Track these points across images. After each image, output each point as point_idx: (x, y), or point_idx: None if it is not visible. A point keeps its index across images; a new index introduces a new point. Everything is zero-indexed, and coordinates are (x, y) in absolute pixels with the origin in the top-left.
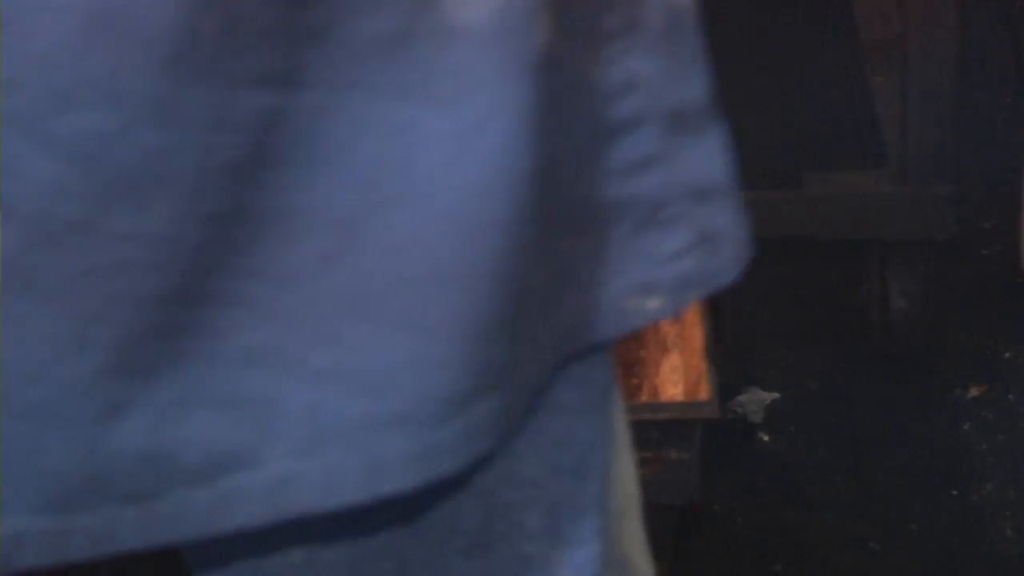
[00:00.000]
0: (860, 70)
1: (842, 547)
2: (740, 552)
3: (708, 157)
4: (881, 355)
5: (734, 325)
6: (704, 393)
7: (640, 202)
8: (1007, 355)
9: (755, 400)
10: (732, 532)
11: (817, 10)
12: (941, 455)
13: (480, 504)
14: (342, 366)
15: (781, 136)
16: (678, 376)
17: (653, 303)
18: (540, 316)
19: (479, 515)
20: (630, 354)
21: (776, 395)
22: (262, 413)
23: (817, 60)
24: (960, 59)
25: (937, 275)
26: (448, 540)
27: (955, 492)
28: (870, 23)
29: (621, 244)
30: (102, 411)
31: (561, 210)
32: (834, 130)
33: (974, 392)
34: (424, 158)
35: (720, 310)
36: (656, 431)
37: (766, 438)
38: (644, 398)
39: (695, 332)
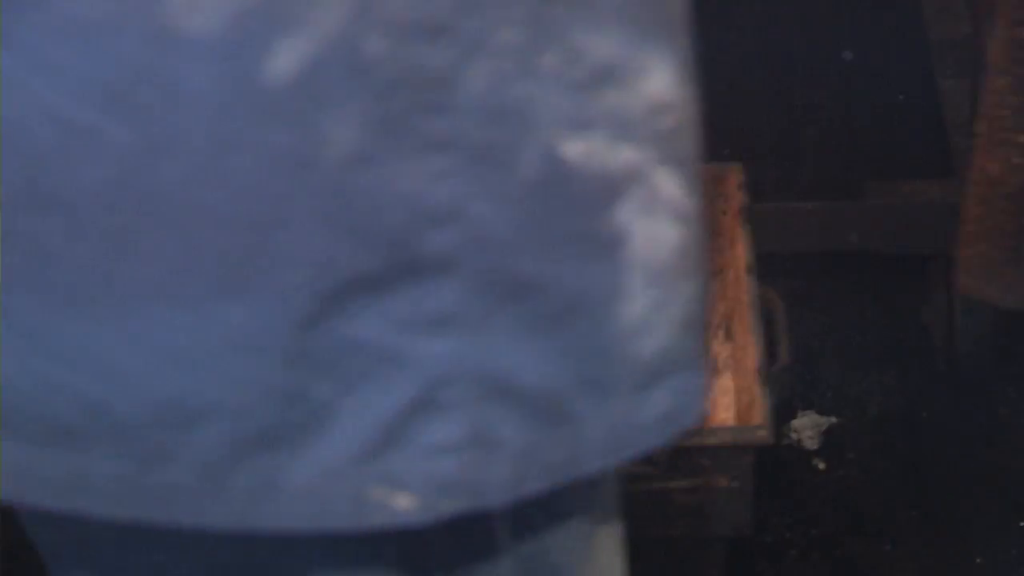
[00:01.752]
0: (927, 72)
1: None
2: None
3: (521, 347)
4: (946, 377)
5: (789, 345)
6: (757, 417)
7: (420, 368)
8: None
9: (811, 425)
10: (785, 565)
11: (882, 8)
12: (1010, 484)
13: None
14: None
15: (841, 142)
16: (729, 399)
17: (402, 501)
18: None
19: None
20: None
21: (833, 419)
22: None
23: (881, 61)
24: None
25: None
26: None
27: (1023, 524)
28: (938, 22)
29: (379, 414)
30: None
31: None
32: (898, 136)
33: None
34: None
35: (774, 328)
36: (706, 458)
37: (822, 465)
38: None
39: (748, 352)
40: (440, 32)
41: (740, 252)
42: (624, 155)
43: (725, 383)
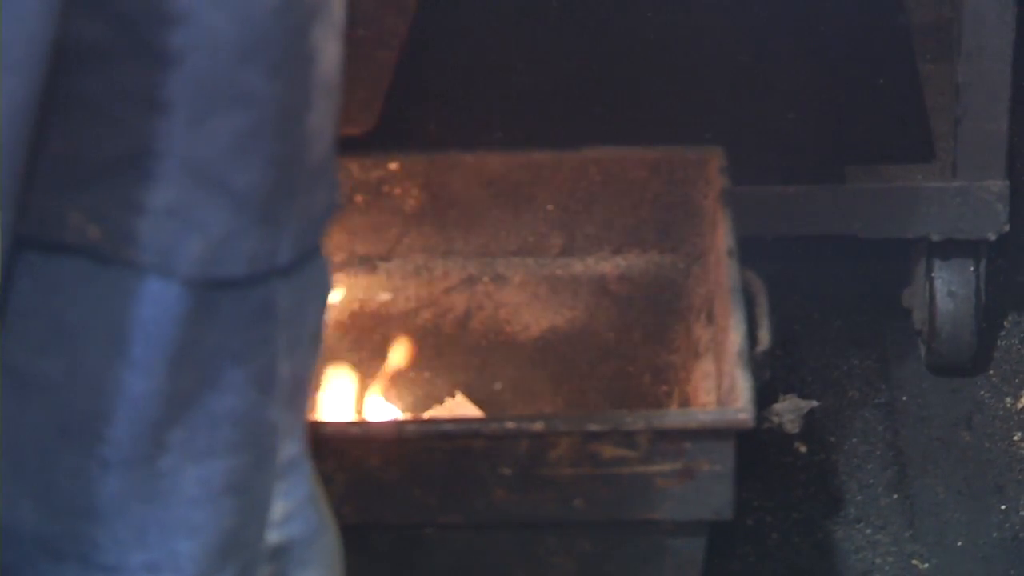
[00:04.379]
0: (907, 56)
1: (884, 564)
2: (775, 570)
3: (234, 154)
4: (926, 361)
5: (770, 328)
6: (738, 401)
7: (133, 134)
8: None
9: (792, 408)
10: (767, 549)
11: None
12: (989, 468)
13: None
14: None
15: (822, 126)
16: (711, 383)
17: (93, 231)
18: None
19: None
20: (659, 359)
21: (815, 403)
22: None
23: (861, 44)
24: (1015, 45)
25: (987, 276)
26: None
27: (1004, 507)
28: (919, 6)
29: (94, 161)
30: None
31: None
32: (879, 120)
33: None
34: None
35: (756, 312)
36: (687, 441)
37: (803, 449)
38: (674, 406)
39: (729, 336)
40: None
41: (721, 236)
42: None
43: (706, 366)
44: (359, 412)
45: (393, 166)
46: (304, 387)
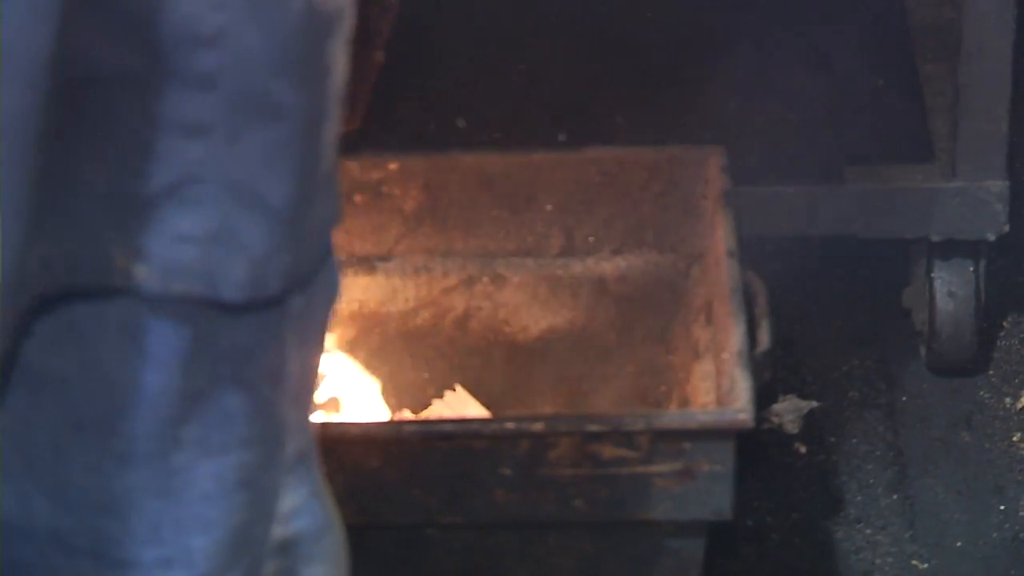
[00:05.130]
0: (907, 56)
1: (884, 565)
2: (775, 570)
3: (267, 166)
4: (926, 361)
5: (770, 329)
6: (738, 401)
7: (174, 163)
8: None
9: (792, 409)
10: (767, 549)
11: None
12: (989, 468)
13: None
14: None
15: (822, 126)
16: (710, 383)
17: (140, 271)
18: None
19: None
20: (659, 360)
21: (814, 403)
22: None
23: (860, 44)
24: (1016, 45)
25: (987, 276)
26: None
27: (1003, 507)
28: (919, 5)
29: (133, 196)
30: None
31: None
32: (879, 120)
33: None
34: None
35: (755, 312)
36: (686, 441)
37: (803, 449)
38: (673, 406)
39: (729, 336)
40: None
41: (721, 236)
42: None
43: (706, 367)
44: (359, 412)
45: (392, 166)
46: (310, 383)
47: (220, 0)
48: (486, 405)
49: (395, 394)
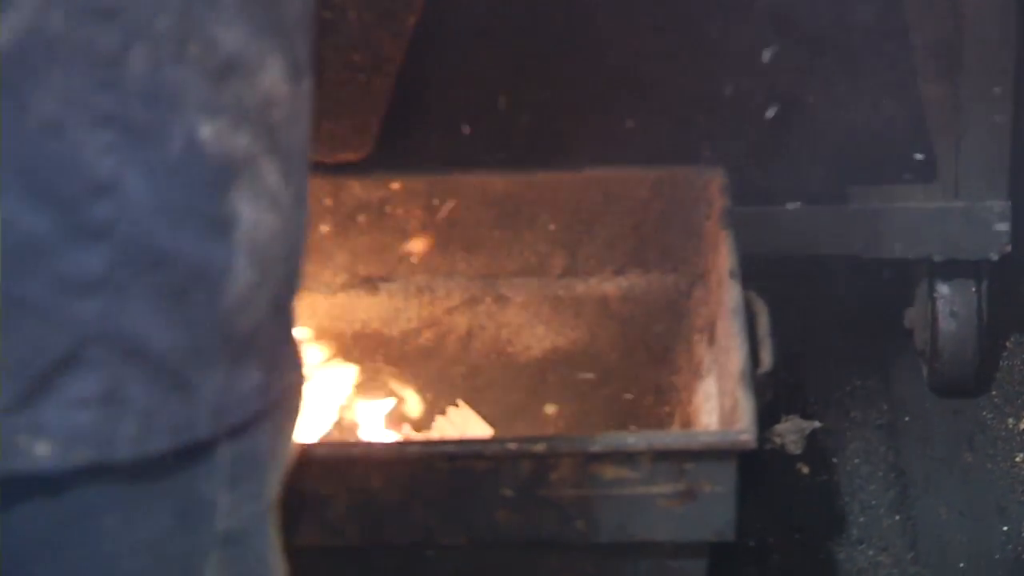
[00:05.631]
0: (909, 76)
1: None
2: None
3: (153, 315)
4: (928, 381)
5: (772, 349)
6: (740, 422)
7: (70, 327)
8: None
9: (794, 429)
10: (769, 570)
11: (863, 8)
12: (992, 488)
13: None
14: None
15: (824, 146)
16: (712, 404)
17: (42, 448)
18: None
19: None
20: (661, 380)
21: (817, 424)
22: None
23: (862, 63)
24: (1018, 64)
25: (989, 296)
26: None
27: (1006, 528)
28: (921, 25)
29: (31, 368)
30: None
31: None
32: (880, 140)
33: None
34: None
35: (757, 333)
36: (688, 462)
37: (806, 470)
38: (676, 427)
39: (731, 356)
40: (110, 15)
41: (723, 256)
42: (241, 141)
43: (708, 387)
44: (361, 432)
45: (395, 186)
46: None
47: (108, 143)
48: (488, 425)
49: (397, 414)
